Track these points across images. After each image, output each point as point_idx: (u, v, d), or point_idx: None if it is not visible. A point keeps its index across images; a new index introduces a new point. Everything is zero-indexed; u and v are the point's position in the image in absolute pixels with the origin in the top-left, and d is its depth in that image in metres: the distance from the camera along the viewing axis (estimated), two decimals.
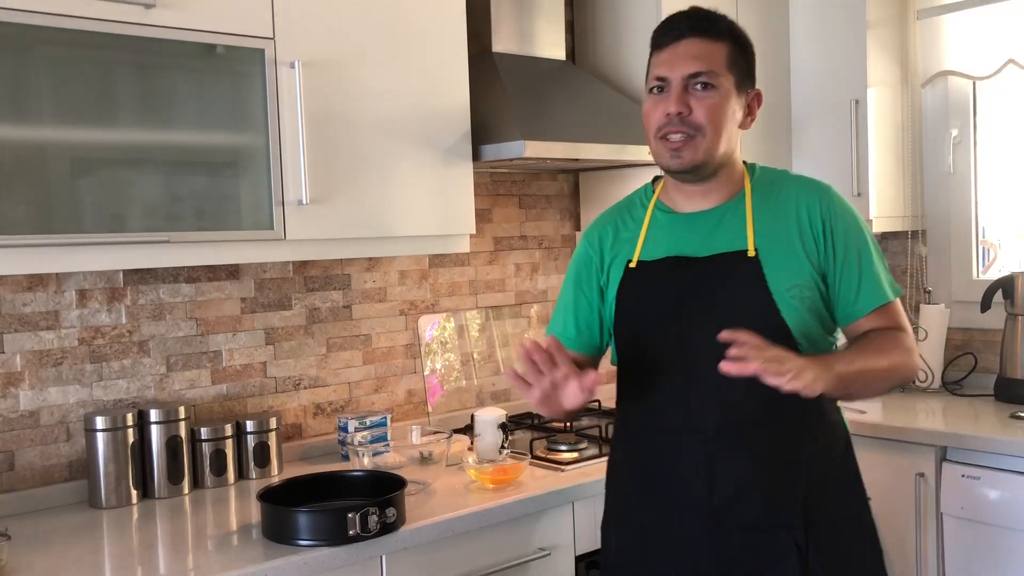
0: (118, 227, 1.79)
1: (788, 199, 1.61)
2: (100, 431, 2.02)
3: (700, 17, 1.60)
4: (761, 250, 1.57)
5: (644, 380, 1.65)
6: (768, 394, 1.48)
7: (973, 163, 3.07)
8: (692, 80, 1.56)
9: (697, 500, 1.57)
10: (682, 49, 1.57)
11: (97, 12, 1.73)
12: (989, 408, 2.69)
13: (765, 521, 1.55)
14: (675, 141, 1.56)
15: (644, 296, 1.64)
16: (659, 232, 1.67)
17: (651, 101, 1.61)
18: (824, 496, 1.58)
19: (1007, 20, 2.86)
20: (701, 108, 1.55)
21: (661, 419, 1.62)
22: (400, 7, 2.18)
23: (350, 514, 1.70)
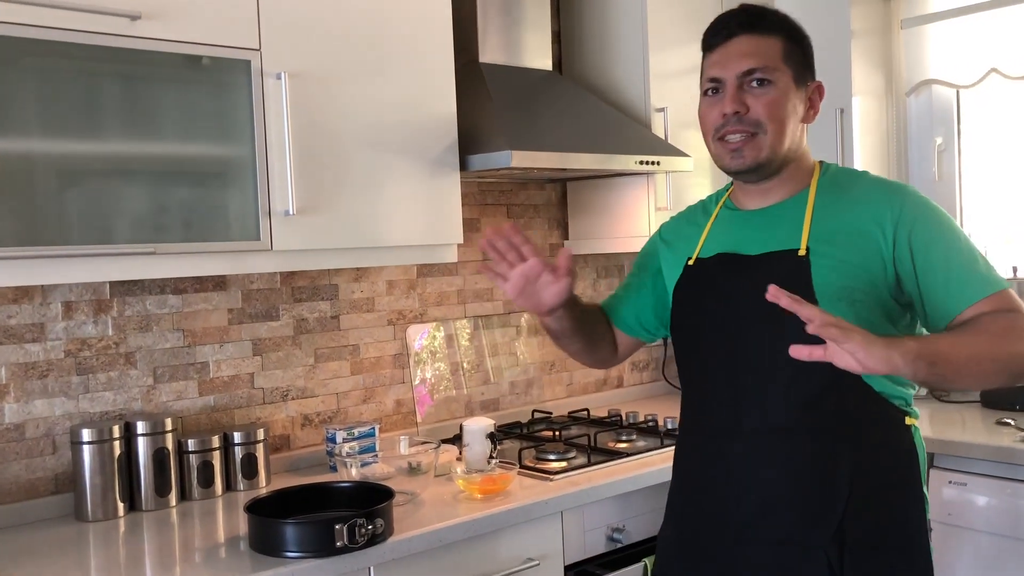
0: (104, 239, 1.78)
1: (858, 201, 1.53)
2: (86, 443, 2.01)
3: (749, 13, 1.55)
4: (814, 249, 1.49)
5: (693, 379, 1.65)
6: (811, 400, 1.44)
7: (958, 170, 3.10)
8: (747, 77, 1.51)
9: (725, 508, 1.54)
10: (733, 48, 1.53)
11: (83, 24, 1.73)
12: (976, 414, 2.70)
13: (795, 537, 1.48)
14: (734, 141, 1.52)
15: (696, 294, 1.63)
16: (721, 230, 1.65)
17: (706, 103, 1.57)
18: (868, 518, 1.48)
19: (989, 30, 2.89)
20: (759, 105, 1.50)
21: (705, 420, 1.60)
22: (387, 18, 2.18)
23: (337, 525, 1.69)
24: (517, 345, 2.92)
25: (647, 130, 2.72)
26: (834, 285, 1.47)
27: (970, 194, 3.10)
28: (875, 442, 1.51)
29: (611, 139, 2.56)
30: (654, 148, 2.59)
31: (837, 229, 1.51)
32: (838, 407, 1.46)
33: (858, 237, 1.50)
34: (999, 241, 3.09)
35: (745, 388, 1.52)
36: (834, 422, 1.48)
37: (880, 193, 1.53)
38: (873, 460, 1.49)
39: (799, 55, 1.57)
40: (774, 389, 1.49)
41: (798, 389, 1.48)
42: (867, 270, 1.48)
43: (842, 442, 1.49)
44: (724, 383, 1.55)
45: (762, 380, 1.50)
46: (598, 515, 2.17)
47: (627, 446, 2.43)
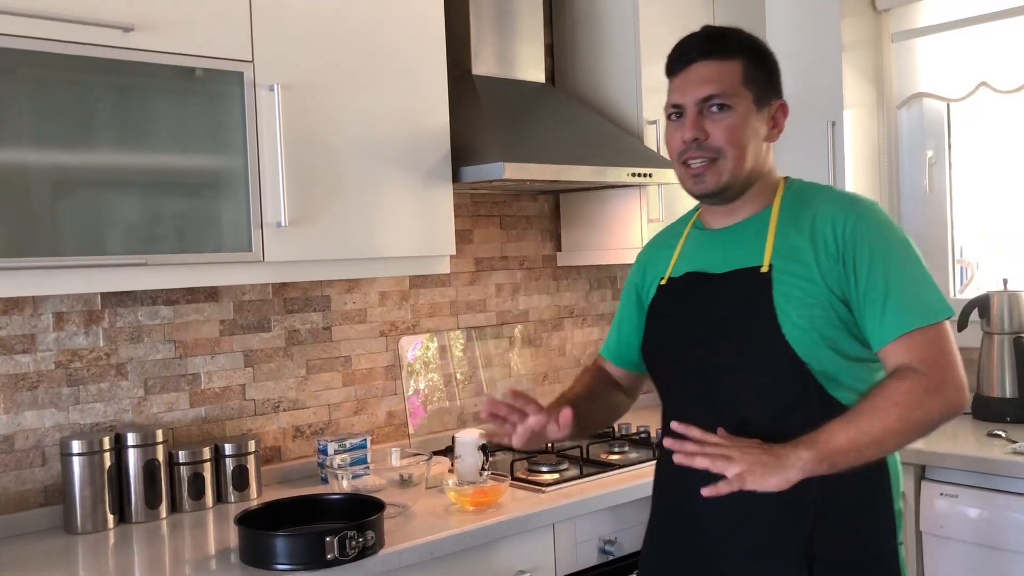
0: (96, 250, 1.78)
1: (815, 215, 1.53)
2: (76, 455, 2.00)
3: (709, 38, 1.57)
4: (776, 267, 1.51)
5: (667, 397, 1.66)
6: (781, 415, 1.47)
7: (949, 183, 3.11)
8: (706, 103, 1.53)
9: (695, 522, 1.55)
10: (693, 74, 1.55)
11: (76, 36, 1.73)
12: (967, 426, 2.71)
13: (765, 551, 1.50)
14: (696, 167, 1.55)
15: (667, 313, 1.65)
16: (690, 249, 1.67)
17: (670, 128, 1.60)
18: (838, 534, 1.49)
19: (979, 43, 2.91)
20: (718, 131, 1.53)
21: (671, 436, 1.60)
22: (379, 30, 2.19)
23: (328, 538, 1.69)
24: (510, 356, 2.92)
25: (639, 142, 2.73)
26: (794, 301, 1.48)
27: (961, 207, 3.12)
28: None
29: (604, 151, 2.57)
30: (646, 160, 2.60)
31: (798, 244, 1.52)
32: (805, 421, 1.45)
33: (818, 252, 1.50)
34: (990, 254, 3.10)
35: (716, 404, 1.54)
36: (793, 434, 1.45)
37: (837, 208, 1.53)
38: (842, 475, 1.46)
39: (761, 77, 1.58)
40: (744, 404, 1.51)
41: (768, 404, 1.50)
42: (826, 285, 1.48)
43: None
44: (696, 399, 1.57)
45: (732, 396, 1.53)
46: (590, 527, 2.16)
47: (620, 458, 2.43)
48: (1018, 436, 2.49)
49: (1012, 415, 2.70)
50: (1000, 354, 2.75)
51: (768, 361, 1.48)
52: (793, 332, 1.46)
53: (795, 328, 1.46)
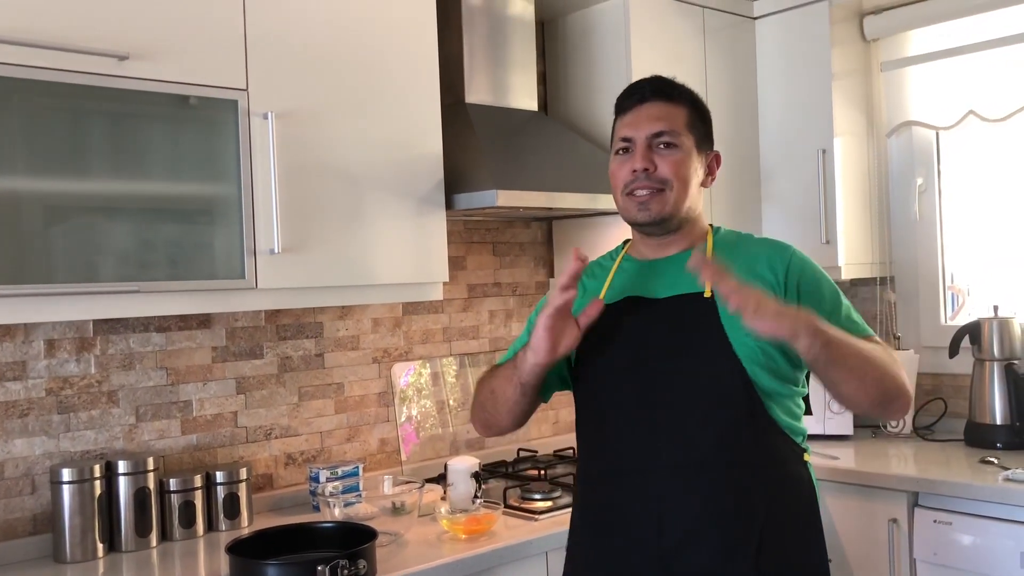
0: (89, 277, 1.78)
1: (749, 252, 1.66)
2: (66, 483, 1.99)
3: (662, 82, 1.68)
4: (717, 293, 1.56)
5: (601, 419, 1.66)
6: (721, 435, 1.53)
7: (938, 210, 3.14)
8: (656, 139, 1.62)
9: (645, 542, 1.56)
10: (645, 111, 1.64)
11: (70, 64, 1.74)
12: (960, 453, 2.71)
13: (717, 566, 1.52)
14: (642, 195, 1.62)
15: (603, 335, 1.65)
16: (623, 278, 1.71)
17: (617, 162, 1.67)
18: (780, 548, 1.55)
19: (967, 72, 2.94)
20: (665, 164, 1.62)
21: (616, 460, 1.62)
22: (373, 58, 2.21)
23: (320, 567, 1.68)
24: None
25: None
26: (738, 323, 1.52)
27: (951, 234, 3.14)
28: (782, 475, 1.59)
29: (596, 178, 2.58)
30: None
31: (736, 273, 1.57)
32: (751, 440, 1.55)
33: (756, 281, 1.58)
34: (980, 280, 3.12)
35: (661, 424, 1.57)
36: (748, 455, 1.55)
37: (770, 247, 1.67)
38: (782, 492, 1.58)
39: (701, 126, 1.69)
40: (690, 424, 1.56)
41: (713, 423, 1.55)
42: None
43: (756, 474, 1.56)
44: (637, 420, 1.59)
45: (678, 415, 1.57)
46: None
47: None
48: (1010, 463, 2.49)
49: (1004, 442, 2.71)
50: (991, 381, 2.76)
51: (718, 379, 1.55)
52: (742, 350, 1.54)
53: (743, 346, 1.54)
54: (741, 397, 1.55)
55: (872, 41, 3.14)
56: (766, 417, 1.57)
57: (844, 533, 2.57)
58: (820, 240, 2.95)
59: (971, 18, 2.90)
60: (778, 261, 1.63)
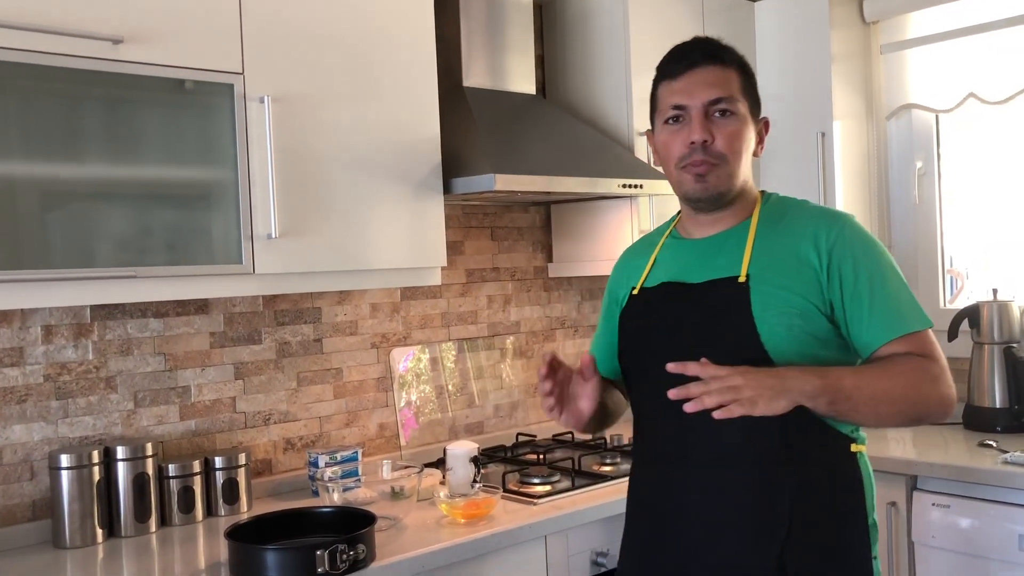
0: (86, 262, 1.77)
1: (796, 229, 1.56)
2: (65, 469, 1.99)
3: (712, 44, 1.58)
4: (754, 276, 1.52)
5: (641, 409, 1.65)
6: (750, 428, 1.45)
7: (938, 194, 3.13)
8: (712, 107, 1.53)
9: (672, 534, 1.55)
10: (698, 76, 1.54)
11: (66, 48, 1.73)
12: (958, 437, 2.71)
13: (740, 561, 1.50)
14: (699, 169, 1.54)
15: (641, 323, 1.64)
16: (666, 258, 1.67)
17: (667, 132, 1.57)
18: (811, 545, 1.49)
19: (967, 55, 2.93)
20: (722, 136, 1.53)
21: (651, 449, 1.61)
22: (370, 42, 2.19)
23: (319, 551, 1.68)
24: (502, 368, 2.91)
25: (630, 153, 2.74)
26: (772, 310, 1.49)
27: (950, 217, 3.13)
28: (818, 469, 1.51)
29: (594, 162, 2.57)
30: (637, 171, 2.61)
31: (777, 255, 1.54)
32: (782, 434, 1.47)
33: (797, 262, 1.52)
34: (980, 264, 3.12)
35: (690, 416, 1.50)
36: (778, 449, 1.49)
37: (818, 221, 1.56)
38: (816, 488, 1.50)
39: (752, 90, 1.61)
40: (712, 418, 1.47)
41: (743, 417, 1.47)
42: (805, 295, 1.50)
43: (785, 469, 1.49)
44: (670, 411, 1.52)
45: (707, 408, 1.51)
46: (582, 539, 2.16)
47: (611, 469, 2.43)
48: (1009, 446, 2.49)
49: (1003, 425, 2.71)
50: (990, 364, 2.76)
51: None
52: (771, 340, 1.48)
53: (773, 335, 1.48)
54: None
55: (872, 23, 3.12)
56: (799, 411, 1.44)
57: None
58: None
59: (971, 0, 2.89)
60: (824, 240, 1.52)
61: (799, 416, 1.46)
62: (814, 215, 1.59)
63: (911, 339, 1.49)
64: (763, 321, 1.49)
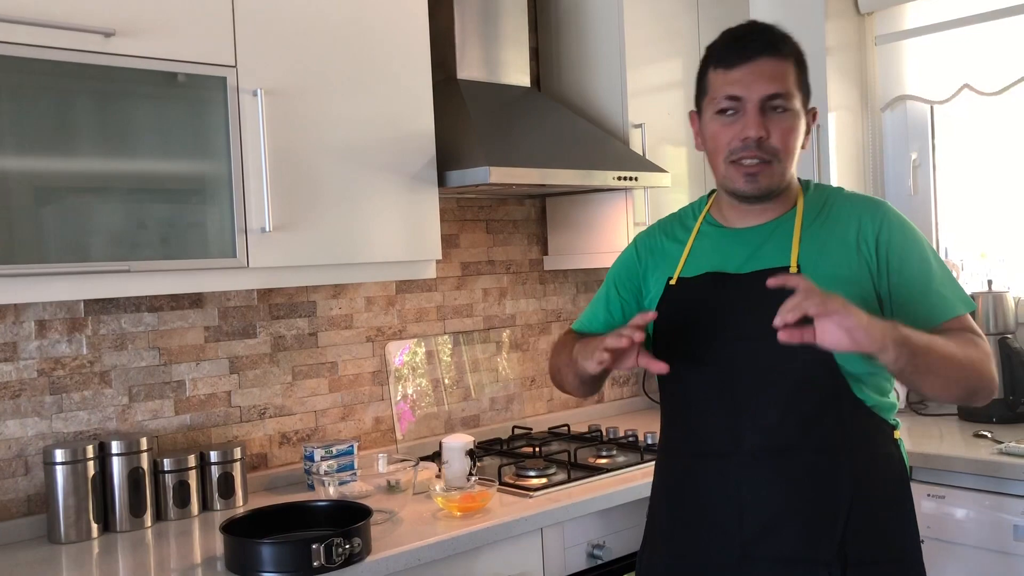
0: (79, 257, 1.77)
1: (840, 216, 1.56)
2: (59, 464, 1.98)
3: (771, 34, 1.53)
4: (804, 267, 1.51)
5: (681, 401, 1.62)
6: (805, 419, 1.44)
7: (933, 185, 3.13)
8: (770, 101, 1.49)
9: (726, 528, 1.52)
10: (757, 68, 1.49)
11: (57, 41, 1.72)
12: (954, 428, 2.72)
13: (799, 554, 1.48)
14: (751, 166, 1.51)
15: (682, 313, 1.60)
16: (704, 247, 1.63)
17: (719, 122, 1.53)
18: (868, 533, 1.49)
19: (962, 46, 2.93)
20: (778, 133, 1.50)
21: (696, 442, 1.58)
22: (363, 34, 2.18)
23: (315, 545, 1.68)
24: (498, 361, 2.91)
25: (625, 146, 2.73)
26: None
27: (945, 208, 3.13)
28: (871, 456, 1.52)
29: (589, 155, 2.57)
30: (632, 164, 2.60)
31: (825, 245, 1.53)
32: (836, 423, 1.48)
33: (845, 251, 1.52)
34: (974, 255, 3.12)
35: (742, 408, 1.51)
36: (833, 438, 1.49)
37: (862, 208, 1.57)
38: (870, 475, 1.51)
39: (806, 82, 1.57)
40: (773, 408, 1.49)
41: (797, 407, 1.49)
42: (855, 283, 1.50)
43: (841, 458, 1.49)
44: (719, 403, 1.53)
45: (760, 399, 1.50)
46: (578, 532, 2.16)
47: (607, 462, 2.43)
48: (1004, 436, 2.50)
49: (998, 416, 2.71)
50: None
51: (800, 362, 1.46)
52: None
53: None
54: (826, 381, 1.48)
55: (867, 14, 3.12)
56: (852, 399, 1.49)
57: None
58: None
59: None
60: (870, 226, 1.53)
61: (851, 403, 1.47)
62: (856, 203, 1.58)
63: (959, 321, 1.51)
64: None
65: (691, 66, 2.89)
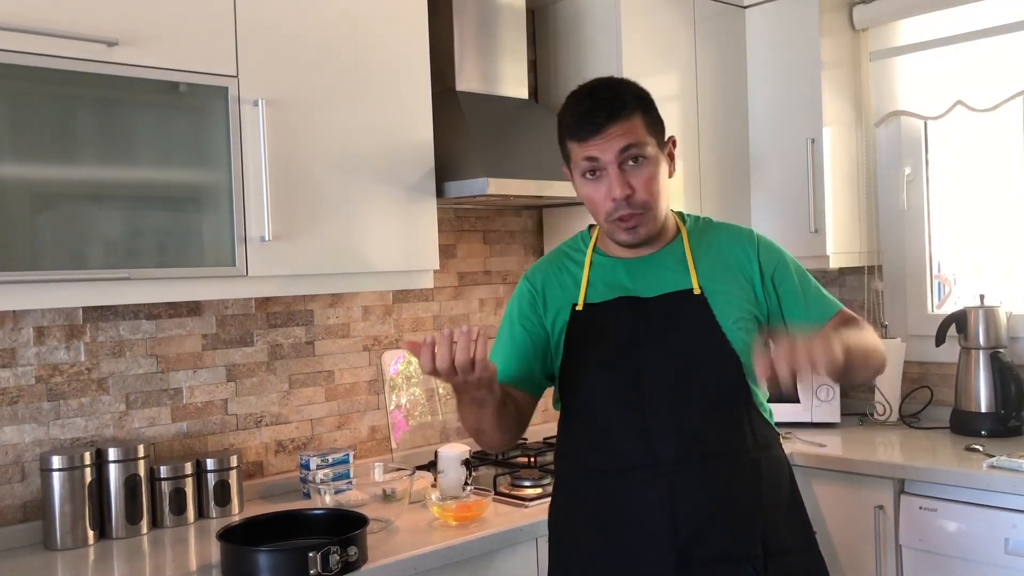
0: (78, 264, 1.77)
1: (720, 242, 1.71)
2: (56, 471, 1.98)
3: (611, 102, 1.58)
4: (705, 287, 1.65)
5: (596, 420, 1.65)
6: (723, 426, 1.60)
7: (926, 200, 3.15)
8: (624, 154, 1.57)
9: (661, 536, 1.57)
10: (607, 135, 1.57)
11: (59, 50, 1.73)
12: (945, 441, 2.73)
13: (729, 552, 1.57)
14: (628, 221, 1.60)
15: (595, 335, 1.66)
16: (602, 275, 1.70)
17: (588, 186, 1.62)
18: (778, 527, 1.63)
19: (955, 63, 2.95)
20: (641, 184, 1.58)
21: (617, 458, 1.62)
22: (364, 46, 2.20)
23: (311, 553, 1.68)
24: None
25: None
26: (731, 317, 1.63)
27: (938, 223, 3.16)
28: (771, 458, 1.67)
29: None
30: None
31: (714, 268, 1.67)
32: (747, 427, 1.62)
33: (735, 272, 1.68)
34: (967, 269, 3.14)
35: (658, 422, 1.59)
36: (744, 442, 1.62)
37: (737, 235, 1.74)
38: (772, 474, 1.65)
39: (655, 121, 1.63)
40: (692, 418, 1.60)
41: (715, 415, 1.61)
42: (747, 300, 1.67)
43: (752, 460, 1.63)
44: (633, 419, 1.60)
45: (676, 412, 1.60)
46: None
47: None
48: (995, 450, 2.51)
49: (989, 429, 2.73)
50: (977, 369, 2.78)
51: (717, 374, 1.61)
52: (738, 344, 1.61)
53: (739, 340, 1.61)
54: (737, 387, 1.62)
55: (861, 30, 3.14)
56: (753, 405, 1.65)
57: (831, 520, 2.59)
58: (808, 229, 2.97)
59: (960, 8, 2.91)
60: (749, 248, 1.71)
61: (753, 410, 1.63)
62: (731, 231, 1.75)
63: (842, 314, 1.72)
64: (727, 327, 1.62)
65: (687, 80, 2.94)
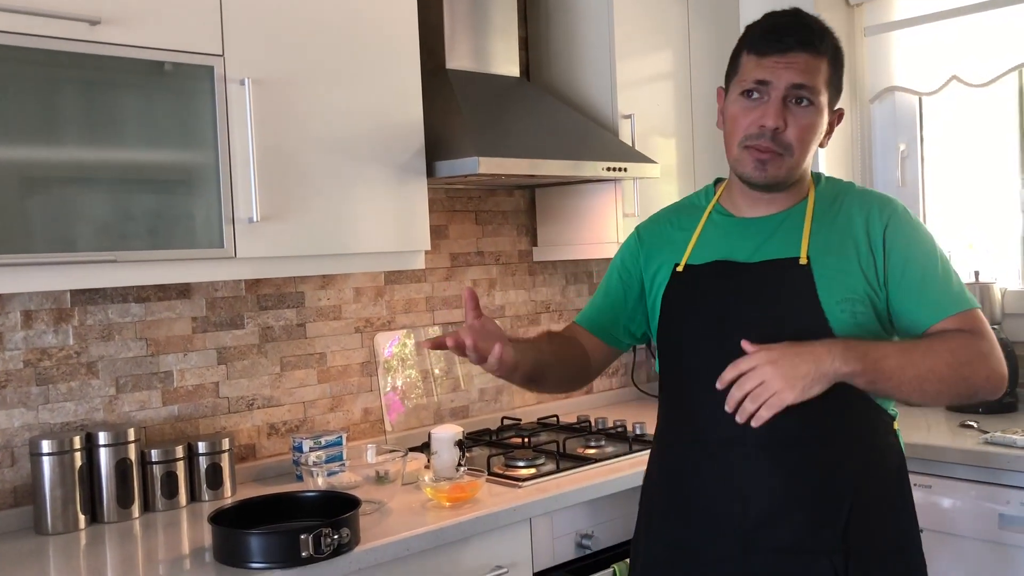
0: (65, 247, 1.75)
1: (849, 212, 1.57)
2: (46, 455, 1.97)
3: (810, 30, 1.53)
4: (814, 259, 1.52)
5: (684, 389, 1.61)
6: (809, 409, 1.43)
7: (921, 176, 3.14)
8: (795, 91, 1.49)
9: (728, 518, 1.52)
10: (789, 60, 1.49)
11: (42, 29, 1.70)
12: (940, 418, 2.73)
13: (801, 544, 1.48)
14: (761, 155, 1.51)
15: (688, 301, 1.60)
16: (712, 235, 1.63)
17: (741, 105, 1.53)
18: (869, 523, 1.50)
19: (950, 37, 2.93)
20: (796, 126, 1.50)
21: (698, 431, 1.57)
22: (352, 24, 2.17)
23: (303, 535, 1.68)
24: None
25: (614, 137, 2.73)
26: (837, 295, 1.50)
27: (933, 199, 3.15)
28: (872, 447, 1.54)
29: (579, 146, 2.56)
30: (621, 155, 2.60)
31: (833, 239, 1.55)
32: (838, 413, 1.48)
33: (852, 247, 1.54)
34: (961, 245, 3.13)
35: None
36: (836, 429, 1.50)
37: (870, 206, 1.57)
38: (872, 465, 1.53)
39: (838, 81, 1.57)
40: None
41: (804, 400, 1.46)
42: (862, 279, 1.52)
43: (844, 448, 1.51)
44: (722, 393, 1.50)
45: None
46: (567, 522, 2.16)
47: (596, 452, 2.43)
48: (990, 426, 2.51)
49: (984, 406, 2.72)
50: None
51: None
52: (839, 325, 1.48)
53: (840, 322, 1.48)
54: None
55: (855, 5, 3.12)
56: (853, 389, 1.46)
57: None
58: None
59: None
60: (877, 222, 1.54)
61: (855, 395, 1.47)
62: (867, 199, 1.59)
63: (959, 318, 1.51)
64: (828, 306, 1.49)
65: (681, 57, 2.91)
